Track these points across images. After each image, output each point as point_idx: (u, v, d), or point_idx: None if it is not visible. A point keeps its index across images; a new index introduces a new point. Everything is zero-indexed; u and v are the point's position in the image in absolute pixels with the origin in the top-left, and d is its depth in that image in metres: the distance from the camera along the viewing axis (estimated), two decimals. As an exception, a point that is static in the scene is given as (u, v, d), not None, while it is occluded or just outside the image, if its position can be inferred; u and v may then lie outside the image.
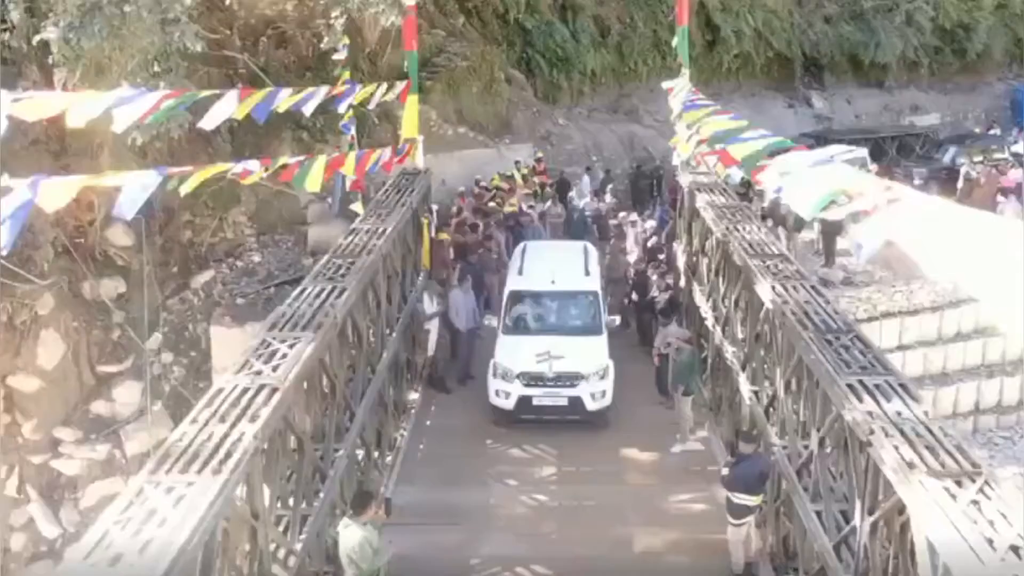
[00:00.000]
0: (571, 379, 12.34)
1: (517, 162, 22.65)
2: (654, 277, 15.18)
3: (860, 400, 6.96)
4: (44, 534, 16.42)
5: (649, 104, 28.07)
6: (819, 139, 28.15)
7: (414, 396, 13.44)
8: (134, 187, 7.10)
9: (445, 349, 14.46)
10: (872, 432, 6.49)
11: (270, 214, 19.91)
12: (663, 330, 13.32)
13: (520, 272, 14.26)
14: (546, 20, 26.78)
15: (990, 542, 5.13)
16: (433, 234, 16.03)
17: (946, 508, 5.47)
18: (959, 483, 5.72)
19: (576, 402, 12.31)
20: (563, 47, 26.77)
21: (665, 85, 16.20)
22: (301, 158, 10.88)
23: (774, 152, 8.99)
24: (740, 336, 11.50)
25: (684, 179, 15.33)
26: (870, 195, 5.96)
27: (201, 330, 18.02)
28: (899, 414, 6.69)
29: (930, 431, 6.40)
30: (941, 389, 19.12)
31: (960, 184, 24.95)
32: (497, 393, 12.53)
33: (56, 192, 6.87)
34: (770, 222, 18.65)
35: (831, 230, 19.91)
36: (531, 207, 19.78)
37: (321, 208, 19.98)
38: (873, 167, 22.75)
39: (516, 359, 12.54)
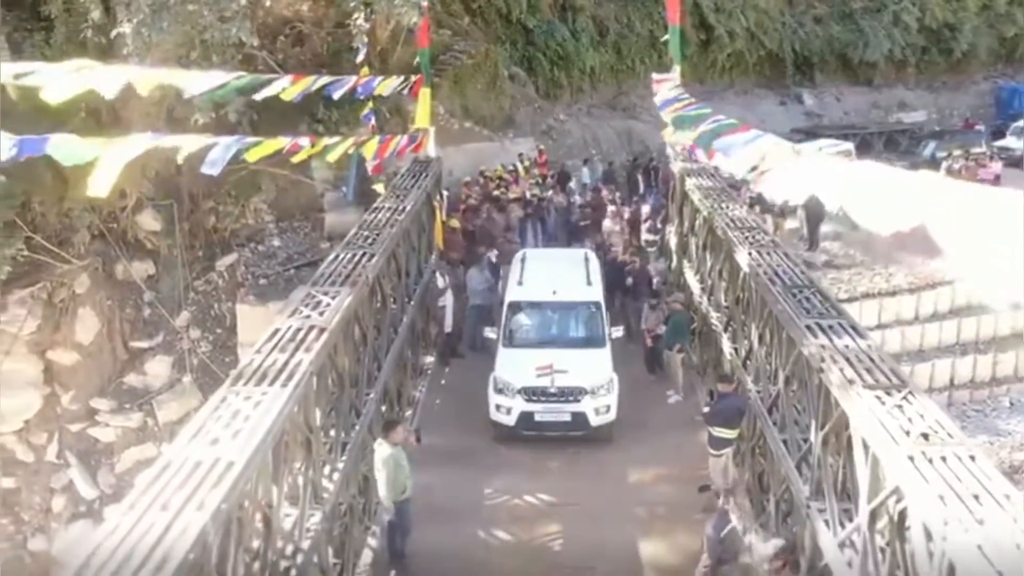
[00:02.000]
0: (574, 394, 12.02)
1: (520, 155, 23.93)
2: (623, 254, 15.97)
3: (816, 337, 8.29)
4: (83, 496, 17.68)
5: (646, 100, 29.11)
6: (809, 134, 29.51)
7: (429, 360, 14.72)
8: (220, 147, 8.32)
9: (460, 322, 15.60)
10: (823, 360, 7.80)
11: (288, 202, 21.10)
12: (652, 313, 14.31)
13: (520, 282, 13.86)
14: (547, 20, 28.02)
15: (907, 433, 6.43)
16: (444, 217, 17.31)
17: (876, 411, 6.77)
18: (888, 393, 7.03)
19: (580, 418, 12.01)
20: (563, 46, 28.03)
21: (655, 77, 17.45)
22: (336, 139, 12.10)
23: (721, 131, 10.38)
24: (724, 303, 12.81)
25: (675, 166, 16.63)
26: (780, 158, 7.42)
27: (226, 309, 19.29)
28: (847, 347, 8.00)
29: (870, 358, 7.72)
30: (918, 365, 20.38)
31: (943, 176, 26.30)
32: (498, 408, 12.17)
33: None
34: (758, 208, 20.00)
35: (814, 218, 21.34)
36: (534, 195, 21.11)
37: (336, 196, 21.23)
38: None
39: (517, 373, 12.18)
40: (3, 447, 17.87)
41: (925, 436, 6.32)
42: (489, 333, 13.34)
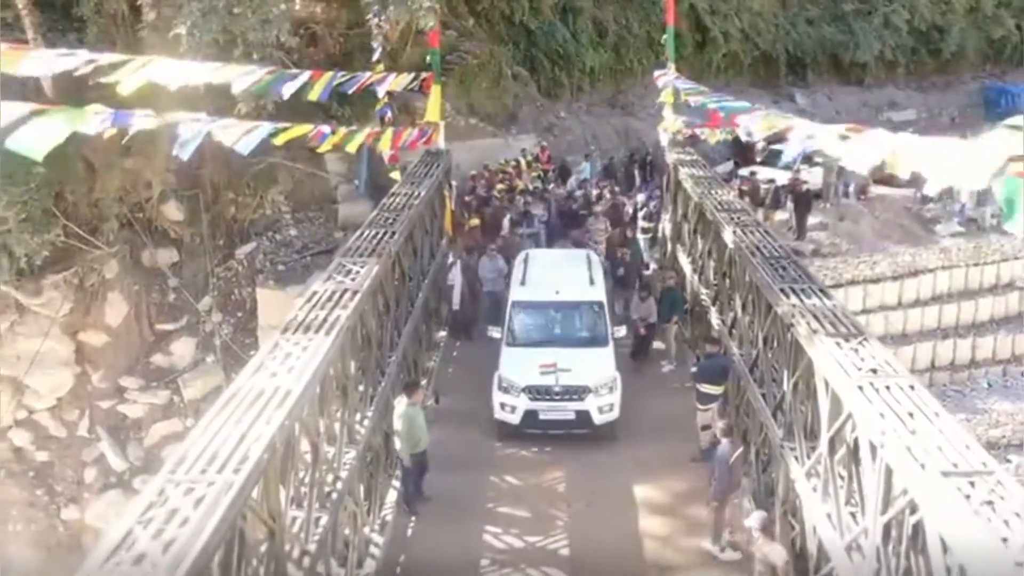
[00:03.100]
0: (578, 392, 12.22)
1: (523, 150, 25.11)
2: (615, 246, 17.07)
3: (788, 298, 9.44)
4: (113, 468, 18.79)
5: (643, 99, 30.34)
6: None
7: (441, 335, 15.86)
8: (253, 133, 9.32)
9: (468, 306, 16.59)
10: (794, 316, 8.95)
11: (304, 193, 22.15)
12: (643, 304, 15.00)
13: (523, 282, 14.07)
14: (548, 21, 28.96)
15: (858, 368, 7.58)
16: (454, 206, 18.48)
17: (835, 353, 7.93)
18: (846, 339, 8.18)
19: (583, 416, 12.20)
20: (564, 47, 28.99)
21: (656, 74, 18.65)
22: (353, 128, 13.22)
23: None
24: (712, 280, 13.96)
25: (669, 157, 17.78)
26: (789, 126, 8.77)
27: (246, 293, 20.40)
28: (814, 305, 9.16)
29: (834, 314, 8.87)
30: (900, 348, 21.53)
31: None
32: (502, 407, 12.37)
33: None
34: (748, 200, 21.15)
35: (802, 209, 22.48)
36: (536, 188, 22.30)
37: (349, 188, 22.35)
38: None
39: (521, 372, 12.38)
40: (37, 423, 19.00)
41: (874, 371, 7.47)
42: (493, 333, 13.53)
